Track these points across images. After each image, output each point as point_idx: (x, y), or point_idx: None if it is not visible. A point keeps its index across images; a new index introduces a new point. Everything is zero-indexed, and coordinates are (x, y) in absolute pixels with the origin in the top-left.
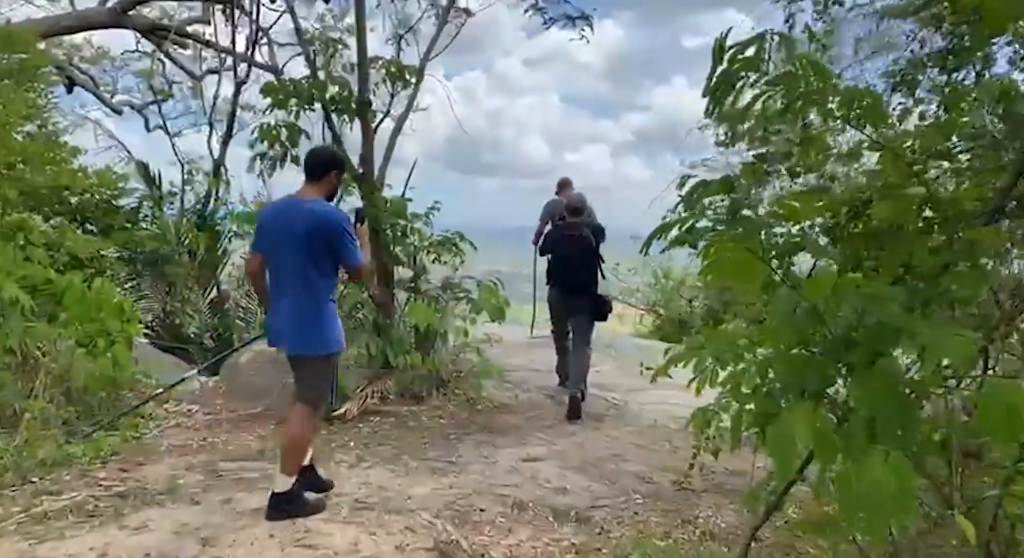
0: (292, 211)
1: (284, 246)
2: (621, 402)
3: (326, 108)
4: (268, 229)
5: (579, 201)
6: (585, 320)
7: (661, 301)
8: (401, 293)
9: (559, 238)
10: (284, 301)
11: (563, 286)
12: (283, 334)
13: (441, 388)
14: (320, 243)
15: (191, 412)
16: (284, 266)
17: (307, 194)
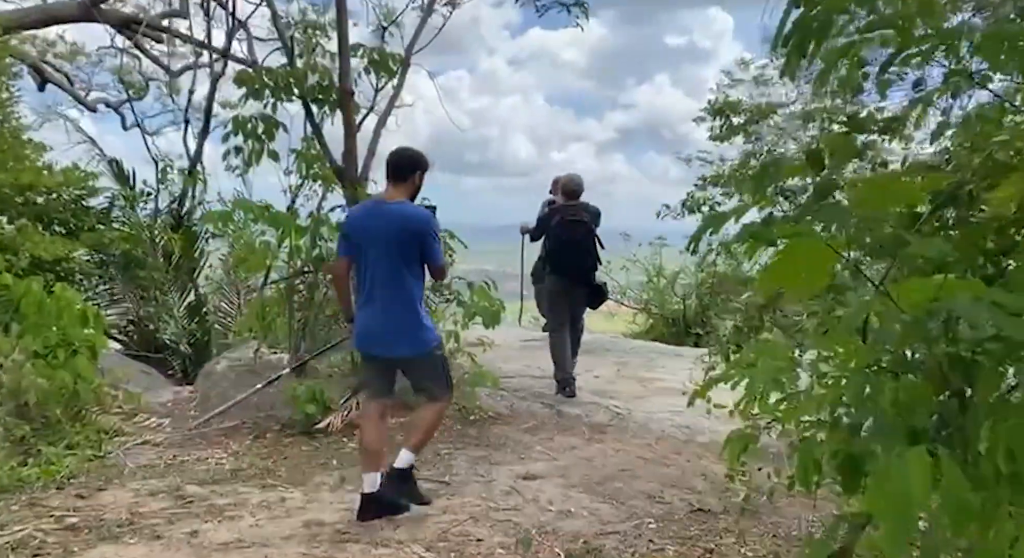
0: (381, 214)
1: (374, 249)
2: (624, 411)
3: (305, 99)
4: (356, 232)
5: (576, 183)
6: (583, 309)
7: (654, 300)
8: None
9: (560, 223)
10: (375, 304)
11: (567, 274)
12: (378, 338)
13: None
14: (412, 244)
15: (160, 427)
16: (375, 269)
17: (393, 196)
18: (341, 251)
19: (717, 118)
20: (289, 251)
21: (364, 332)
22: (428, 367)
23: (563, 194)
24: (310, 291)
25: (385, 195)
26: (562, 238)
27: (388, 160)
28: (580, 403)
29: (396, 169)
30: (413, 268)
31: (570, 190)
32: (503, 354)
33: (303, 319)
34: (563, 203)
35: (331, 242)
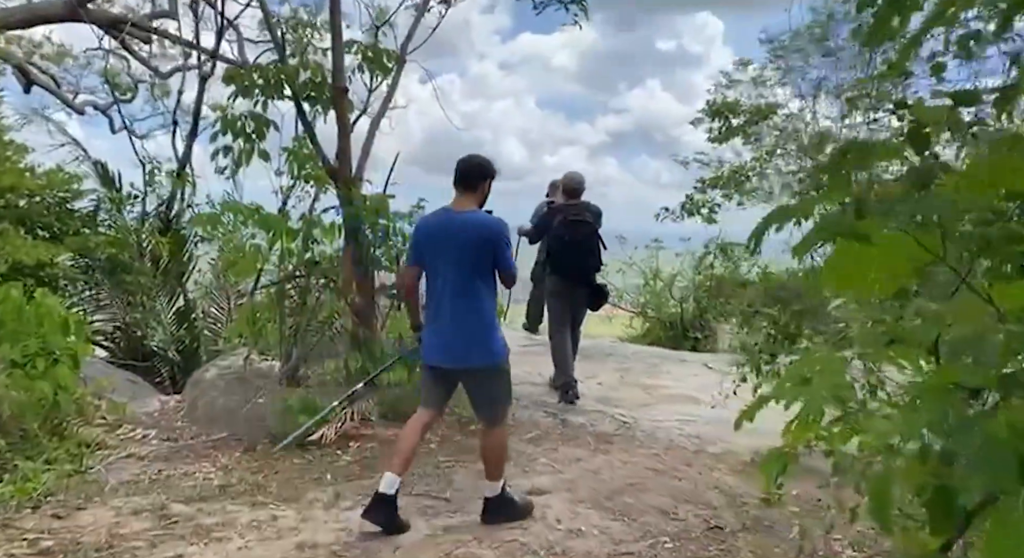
0: (453, 222)
1: (446, 258)
2: (630, 420)
3: (297, 96)
4: (427, 242)
5: (578, 181)
6: (583, 311)
7: (651, 303)
8: (383, 300)
9: (562, 223)
10: (446, 314)
11: (571, 275)
12: (448, 348)
13: None
14: (486, 252)
15: (146, 438)
16: (447, 278)
17: (463, 204)
18: (411, 260)
19: (716, 119)
20: (280, 254)
21: (434, 342)
22: (495, 380)
23: (564, 193)
24: (302, 296)
25: (454, 204)
26: (564, 239)
27: (458, 168)
28: (584, 411)
29: (466, 177)
30: (486, 277)
31: (571, 189)
32: None
33: (295, 325)
34: (564, 202)
35: (323, 244)
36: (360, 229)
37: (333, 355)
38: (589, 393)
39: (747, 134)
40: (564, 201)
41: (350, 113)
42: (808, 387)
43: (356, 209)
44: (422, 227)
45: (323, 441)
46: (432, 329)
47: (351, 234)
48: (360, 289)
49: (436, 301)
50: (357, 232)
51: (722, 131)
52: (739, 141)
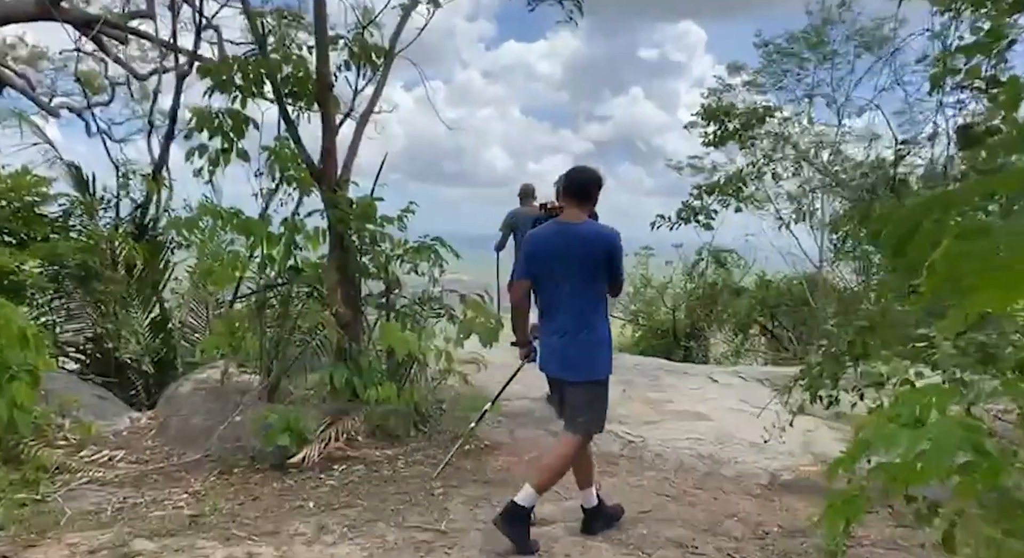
0: (570, 235)
1: (564, 270)
2: (637, 439)
3: (278, 92)
4: (542, 255)
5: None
6: None
7: (643, 311)
8: (370, 310)
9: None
10: (561, 325)
11: None
12: (563, 359)
13: (421, 426)
14: (603, 264)
15: (112, 461)
16: (562, 290)
17: (575, 216)
18: (522, 273)
19: (711, 123)
20: (261, 261)
21: (550, 353)
22: (593, 394)
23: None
24: (284, 305)
25: (567, 216)
26: None
27: (573, 179)
28: None
29: (582, 189)
30: (600, 288)
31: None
32: (495, 374)
33: (276, 337)
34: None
35: (307, 251)
36: (346, 234)
37: (317, 368)
38: None
39: (744, 138)
40: (563, 203)
41: (336, 110)
42: (927, 430)
43: (342, 213)
44: (537, 239)
45: (305, 463)
46: (548, 341)
47: (336, 240)
48: (346, 299)
49: (552, 313)
50: (343, 238)
51: (718, 135)
52: (734, 145)
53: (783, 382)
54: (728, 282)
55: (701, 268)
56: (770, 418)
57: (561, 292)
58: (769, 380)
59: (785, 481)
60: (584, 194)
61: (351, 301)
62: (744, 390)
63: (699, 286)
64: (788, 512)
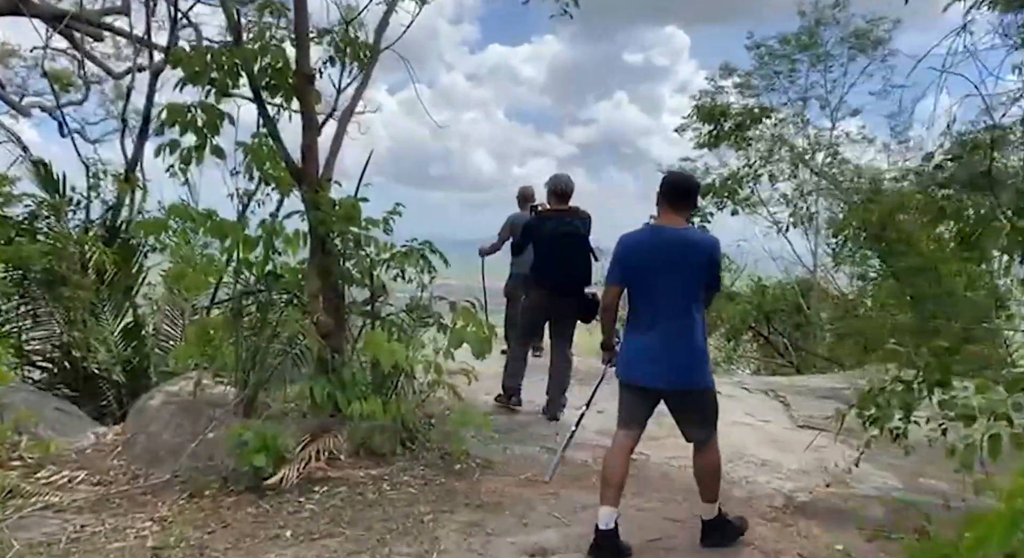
0: (670, 241)
1: (661, 277)
2: (639, 456)
3: (255, 84)
4: (639, 260)
5: (566, 183)
6: (570, 323)
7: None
8: (354, 319)
9: (553, 236)
10: (657, 334)
11: (555, 286)
12: (662, 369)
13: (408, 443)
14: (702, 271)
15: (72, 483)
16: (660, 297)
17: (675, 221)
18: (615, 279)
19: (706, 123)
20: (237, 266)
21: (641, 361)
22: (705, 403)
23: (554, 197)
24: (262, 313)
25: (664, 221)
26: (554, 251)
27: (673, 184)
28: (586, 445)
29: (685, 194)
30: (699, 295)
31: (560, 192)
32: (485, 385)
33: (253, 346)
34: (554, 208)
35: (287, 255)
36: (328, 237)
37: (297, 380)
38: (590, 424)
39: (739, 139)
40: (554, 206)
41: (318, 101)
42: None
43: (324, 215)
44: (632, 245)
45: (283, 484)
46: (639, 348)
47: (318, 243)
48: (328, 306)
49: (647, 320)
50: (325, 241)
51: (712, 136)
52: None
53: (790, 392)
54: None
55: None
56: (777, 433)
57: (659, 298)
58: (773, 391)
59: (801, 503)
60: (682, 198)
61: (333, 309)
62: (749, 402)
63: None
64: (808, 539)
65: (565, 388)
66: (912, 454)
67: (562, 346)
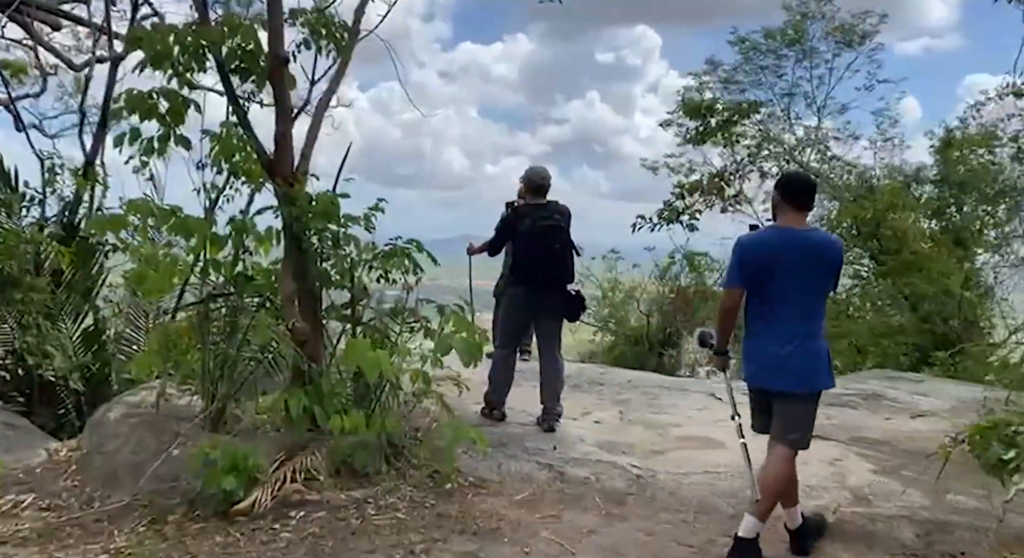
0: (800, 242)
1: (793, 279)
2: (645, 472)
3: (222, 68)
4: (767, 262)
5: (543, 177)
6: (556, 323)
7: (613, 317)
8: (333, 324)
9: (532, 230)
10: (784, 335)
11: (537, 284)
12: (785, 370)
13: (394, 460)
14: (829, 275)
15: (18, 508)
16: (787, 298)
17: (800, 222)
18: (737, 280)
19: (692, 119)
20: (204, 267)
21: (768, 364)
22: (810, 407)
23: (529, 191)
24: (231, 318)
25: (789, 222)
26: (535, 248)
27: (795, 183)
28: (586, 461)
29: (809, 193)
30: (824, 297)
31: (537, 186)
32: (475, 394)
33: (222, 354)
34: (530, 202)
35: (259, 255)
36: (304, 236)
37: (271, 391)
38: (588, 436)
39: (728, 135)
40: (530, 200)
41: (292, 86)
42: None
43: (299, 211)
44: (758, 246)
45: (255, 509)
46: (763, 350)
47: (293, 242)
48: (304, 310)
49: (774, 323)
50: (300, 239)
51: (699, 131)
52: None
53: None
54: (702, 287)
55: (674, 272)
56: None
57: (786, 299)
58: None
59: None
60: (806, 198)
61: (310, 313)
62: None
63: (673, 290)
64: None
65: (559, 394)
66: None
67: (551, 348)
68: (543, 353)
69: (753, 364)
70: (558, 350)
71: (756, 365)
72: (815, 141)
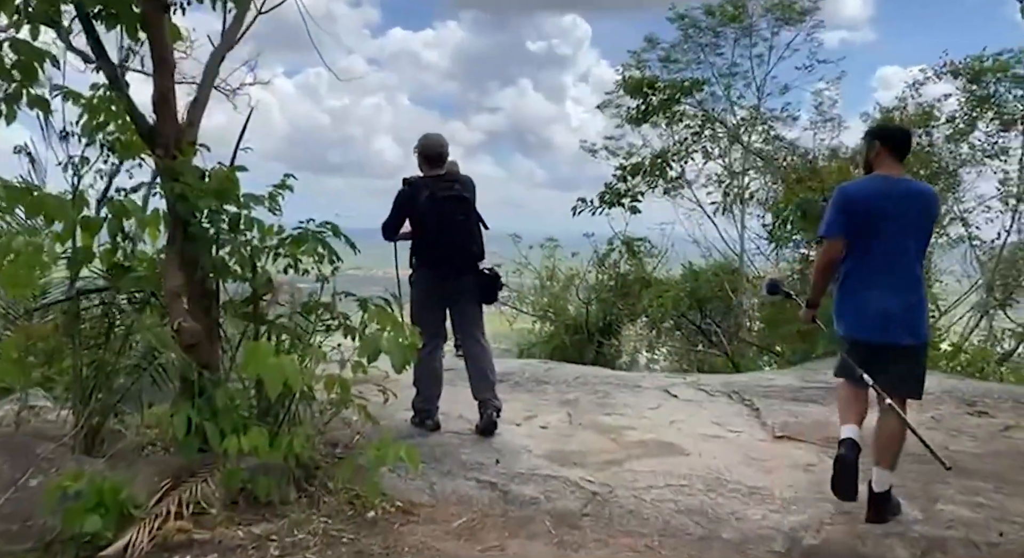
0: (902, 192)
1: (893, 228)
2: (600, 488)
3: (83, 10)
4: (873, 210)
5: (440, 144)
6: (475, 308)
7: (551, 306)
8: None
9: (431, 201)
10: (891, 287)
11: (445, 265)
12: (890, 323)
13: (306, 485)
14: (929, 225)
15: None
16: (892, 248)
17: (899, 171)
18: (839, 230)
19: (633, 97)
20: (74, 256)
21: (874, 317)
22: (922, 358)
23: (425, 161)
24: (108, 317)
25: (890, 170)
26: (437, 222)
27: (900, 133)
28: (533, 477)
29: (907, 140)
30: (924, 248)
31: (434, 154)
32: (404, 399)
33: (97, 361)
34: (428, 174)
35: (143, 243)
36: (194, 218)
37: (159, 404)
38: (534, 445)
39: (669, 114)
40: (428, 173)
41: (176, 38)
42: None
43: (186, 187)
44: (862, 194)
45: (129, 553)
46: (873, 303)
47: (178, 225)
48: (195, 308)
49: (877, 272)
50: (188, 223)
51: (640, 110)
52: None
53: (755, 394)
54: (641, 273)
55: (614, 258)
56: (754, 446)
57: (890, 250)
58: (738, 394)
59: (810, 548)
60: (903, 146)
61: (202, 311)
62: (712, 407)
63: (612, 277)
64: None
65: (494, 383)
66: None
67: (473, 335)
68: (465, 342)
69: (856, 317)
70: (482, 336)
71: (860, 318)
72: (758, 120)
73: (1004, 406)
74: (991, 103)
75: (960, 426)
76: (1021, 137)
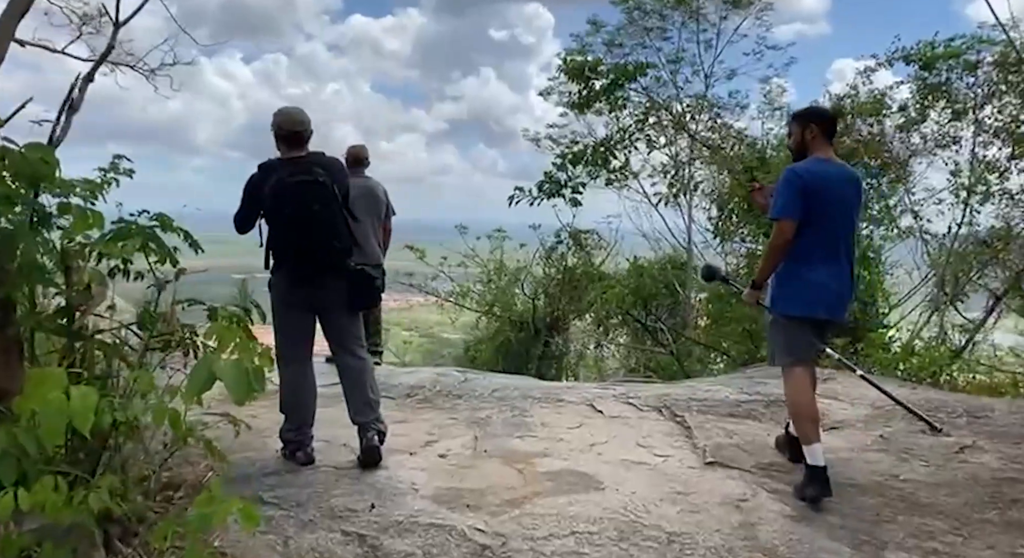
0: (842, 174)
1: (837, 209)
2: (493, 539)
3: None
4: (823, 191)
5: (299, 122)
6: (347, 315)
7: (498, 301)
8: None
9: (279, 188)
10: (832, 268)
11: (306, 264)
12: (836, 300)
13: (123, 545)
14: (860, 205)
15: None
16: (839, 231)
17: (831, 155)
18: (794, 211)
19: (575, 81)
20: None
21: (824, 294)
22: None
23: (282, 141)
24: None
25: (825, 153)
26: (287, 212)
27: (832, 116)
28: (414, 526)
29: (835, 124)
30: (854, 231)
31: (291, 133)
32: (268, 432)
33: None
34: (285, 156)
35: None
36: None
37: None
38: (423, 481)
39: (613, 99)
40: (285, 155)
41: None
42: None
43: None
44: (810, 175)
45: None
46: (821, 282)
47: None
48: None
49: (823, 253)
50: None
51: (582, 96)
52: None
53: (690, 409)
54: (588, 267)
55: (560, 251)
56: (681, 475)
57: (837, 232)
58: (669, 409)
59: None
60: (834, 129)
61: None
62: (640, 426)
63: (560, 271)
64: None
65: (374, 402)
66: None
67: (346, 348)
68: (337, 355)
69: (810, 296)
70: (359, 348)
71: (813, 296)
72: (704, 107)
73: (959, 422)
74: (942, 92)
75: (911, 447)
76: (972, 127)
